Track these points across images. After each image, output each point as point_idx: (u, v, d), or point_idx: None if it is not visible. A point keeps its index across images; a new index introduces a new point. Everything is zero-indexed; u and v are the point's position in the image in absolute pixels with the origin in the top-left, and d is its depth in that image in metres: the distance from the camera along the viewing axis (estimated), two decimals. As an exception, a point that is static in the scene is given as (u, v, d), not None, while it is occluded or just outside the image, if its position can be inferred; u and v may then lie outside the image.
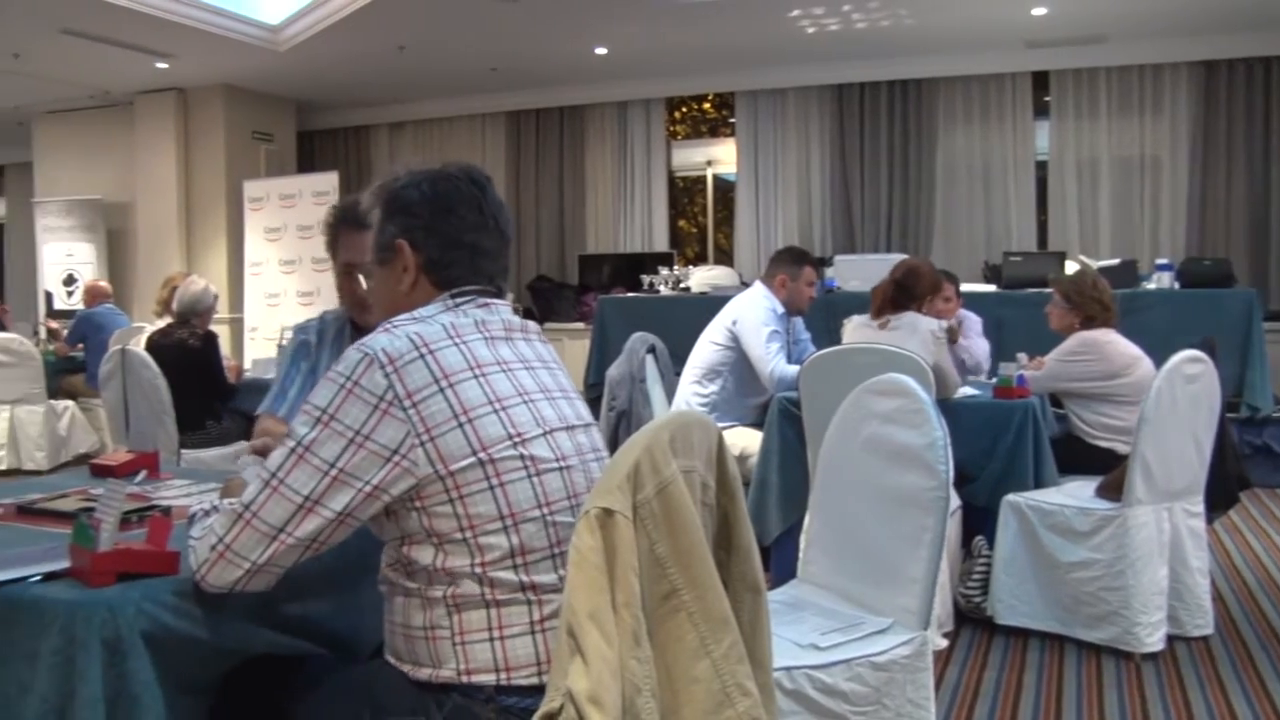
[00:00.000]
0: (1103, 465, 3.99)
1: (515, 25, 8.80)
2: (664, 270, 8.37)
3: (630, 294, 8.51)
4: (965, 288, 5.96)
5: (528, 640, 1.56)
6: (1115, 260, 7.42)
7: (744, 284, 7.35)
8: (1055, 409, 4.67)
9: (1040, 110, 9.66)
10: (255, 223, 10.80)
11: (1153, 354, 4.21)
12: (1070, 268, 6.68)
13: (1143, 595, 3.55)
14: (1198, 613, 3.76)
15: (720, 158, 11.34)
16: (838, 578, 2.60)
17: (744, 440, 4.59)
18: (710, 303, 6.01)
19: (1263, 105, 8.86)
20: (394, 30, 9.01)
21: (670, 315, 6.97)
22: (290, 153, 11.84)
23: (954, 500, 3.65)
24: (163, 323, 6.08)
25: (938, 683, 3.22)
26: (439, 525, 1.54)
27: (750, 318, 4.78)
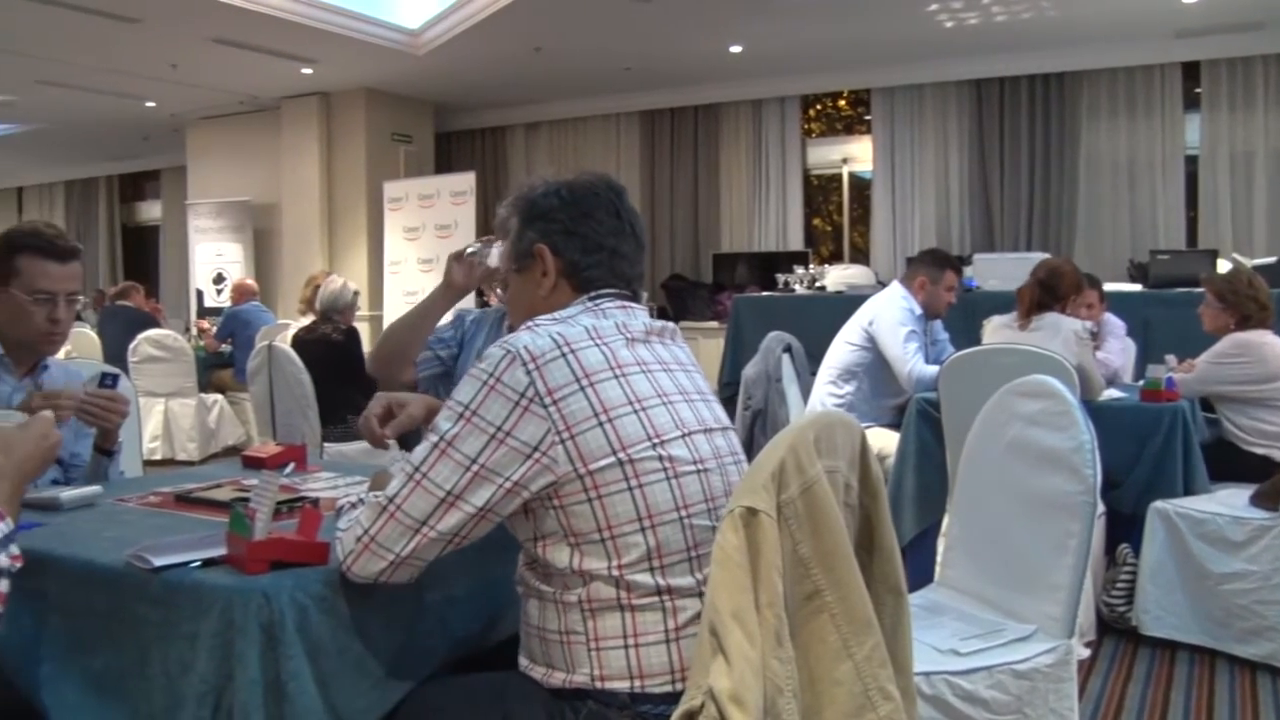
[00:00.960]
0: (1258, 473, 3.84)
1: (650, 25, 8.85)
2: (799, 269, 8.28)
3: (765, 293, 8.45)
4: (1109, 287, 5.78)
5: (662, 649, 1.55)
6: (1272, 258, 7.08)
7: (880, 283, 7.24)
8: (1207, 414, 4.48)
9: (1190, 102, 9.32)
10: (394, 222, 11.08)
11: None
12: (1223, 266, 6.41)
13: (1301, 610, 3.39)
14: (1362, 629, 3.57)
15: (856, 155, 11.23)
16: (978, 582, 2.54)
17: (880, 441, 4.53)
18: (846, 302, 5.95)
19: None
20: (530, 32, 9.15)
21: (805, 314, 6.91)
22: (429, 154, 12.12)
23: (1099, 506, 3.54)
24: (307, 320, 6.27)
25: (1080, 694, 3.12)
26: (577, 525, 1.55)
27: (887, 318, 4.71)
